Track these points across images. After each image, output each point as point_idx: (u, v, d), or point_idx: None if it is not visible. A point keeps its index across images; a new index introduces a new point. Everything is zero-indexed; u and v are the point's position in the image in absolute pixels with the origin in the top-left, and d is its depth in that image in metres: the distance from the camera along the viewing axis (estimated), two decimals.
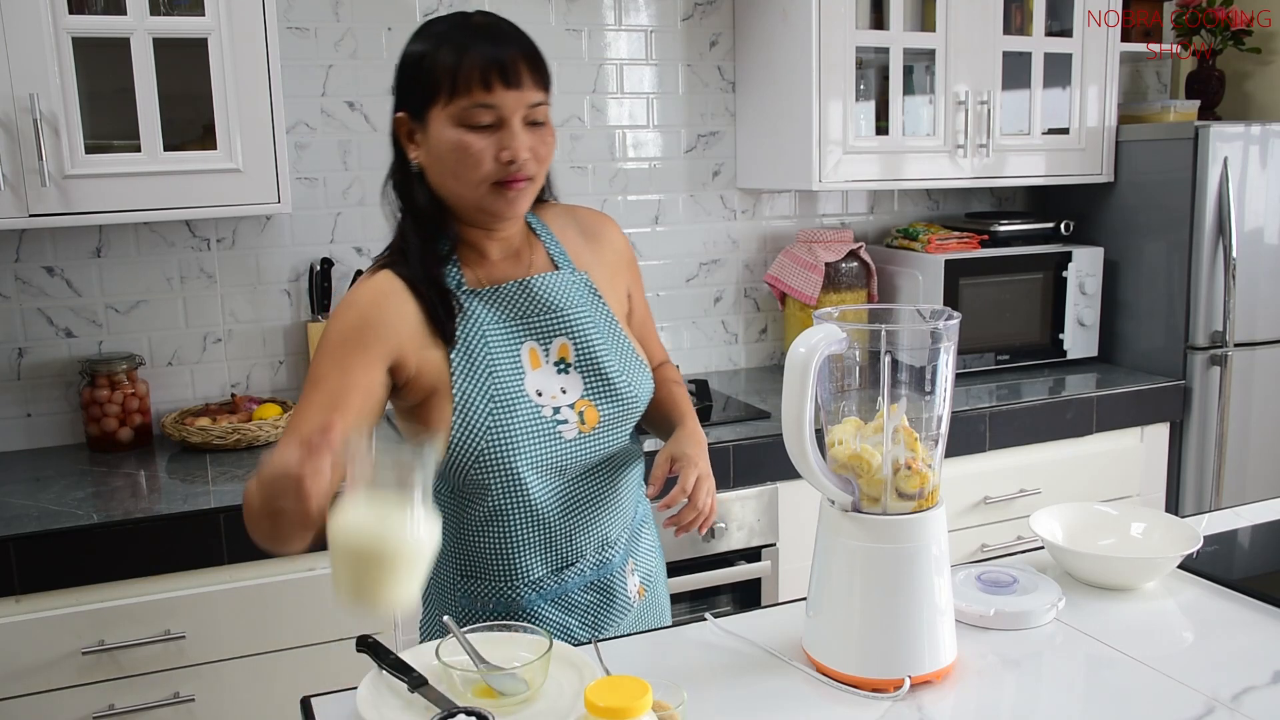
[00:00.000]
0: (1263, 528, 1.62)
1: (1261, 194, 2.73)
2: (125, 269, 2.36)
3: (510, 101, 1.23)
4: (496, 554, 1.35)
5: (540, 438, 1.30)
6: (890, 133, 2.68)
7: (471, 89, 1.22)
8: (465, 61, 1.22)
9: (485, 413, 1.28)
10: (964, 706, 1.12)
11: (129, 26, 2.01)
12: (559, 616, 1.39)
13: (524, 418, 1.29)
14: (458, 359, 1.29)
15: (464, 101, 1.23)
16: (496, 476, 1.29)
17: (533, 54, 1.26)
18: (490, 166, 1.24)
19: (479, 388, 1.28)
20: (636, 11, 2.73)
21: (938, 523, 1.15)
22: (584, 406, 1.34)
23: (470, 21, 1.27)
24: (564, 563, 1.38)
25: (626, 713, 0.87)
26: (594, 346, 1.36)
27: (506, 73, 1.22)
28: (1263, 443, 2.85)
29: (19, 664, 1.79)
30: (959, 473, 2.49)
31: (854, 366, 1.14)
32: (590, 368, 1.35)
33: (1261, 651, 1.21)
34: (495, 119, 1.24)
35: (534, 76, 1.25)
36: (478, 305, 1.32)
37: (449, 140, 1.24)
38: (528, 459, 1.29)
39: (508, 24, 1.28)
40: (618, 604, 1.43)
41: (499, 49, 1.23)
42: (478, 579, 1.37)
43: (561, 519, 1.35)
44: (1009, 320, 2.84)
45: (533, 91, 1.25)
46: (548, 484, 1.33)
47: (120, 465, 2.19)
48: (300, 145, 2.45)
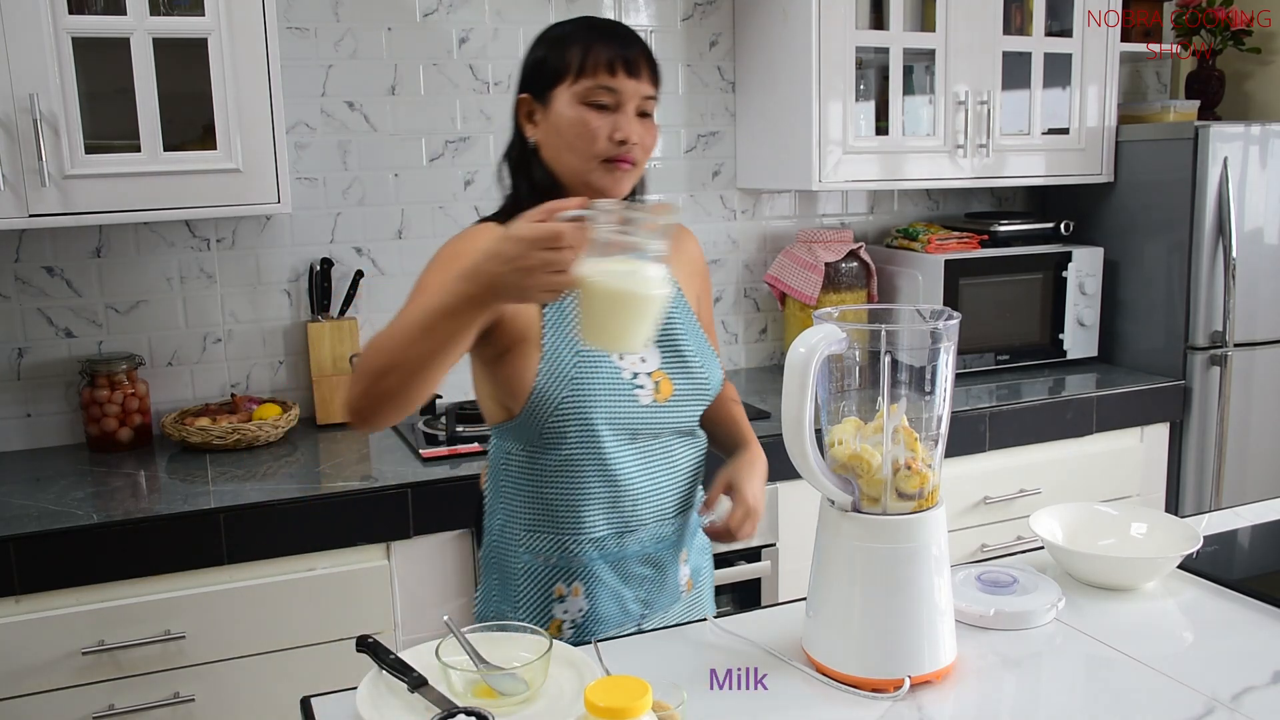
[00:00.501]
0: (1263, 528, 1.62)
1: (1261, 194, 2.73)
2: (125, 269, 2.36)
3: (629, 89, 1.39)
4: (565, 505, 1.42)
5: (617, 397, 1.40)
6: (890, 133, 2.68)
7: (598, 72, 1.38)
8: (594, 49, 1.39)
9: (571, 364, 1.38)
10: (964, 706, 1.12)
11: (129, 26, 2.01)
12: (615, 583, 1.46)
13: (605, 375, 1.40)
14: (550, 313, 1.40)
15: (589, 83, 1.38)
16: (573, 426, 1.38)
17: (650, 54, 1.44)
18: (604, 144, 1.38)
19: (567, 342, 1.39)
20: (636, 11, 2.73)
21: (938, 523, 1.15)
22: (660, 377, 1.45)
23: (597, 20, 1.45)
24: (625, 526, 1.45)
25: (626, 713, 0.87)
26: (674, 325, 1.47)
27: (630, 64, 1.39)
28: (1263, 443, 2.85)
29: (19, 664, 1.79)
30: (959, 473, 2.49)
31: (854, 366, 1.14)
32: (669, 344, 1.47)
33: (1261, 651, 1.21)
34: (614, 102, 1.39)
35: (650, 73, 1.42)
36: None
37: (570, 116, 1.39)
38: (604, 414, 1.39)
39: (625, 28, 1.46)
40: (669, 587, 1.51)
41: (624, 43, 1.41)
42: (545, 533, 1.44)
43: (628, 480, 1.43)
44: (1009, 320, 2.84)
45: (648, 85, 1.42)
46: (619, 443, 1.42)
47: (120, 465, 2.19)
48: (300, 145, 2.45)
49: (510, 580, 1.47)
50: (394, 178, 2.55)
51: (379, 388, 1.21)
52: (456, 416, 2.30)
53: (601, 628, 1.46)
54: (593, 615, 1.45)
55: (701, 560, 1.61)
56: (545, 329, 1.39)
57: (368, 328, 2.56)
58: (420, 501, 2.00)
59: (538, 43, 1.45)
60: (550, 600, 1.45)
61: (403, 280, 2.57)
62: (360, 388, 1.22)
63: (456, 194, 2.61)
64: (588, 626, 1.46)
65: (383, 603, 2.00)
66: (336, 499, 1.95)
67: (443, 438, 2.25)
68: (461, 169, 2.60)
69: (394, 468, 2.10)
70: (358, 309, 2.55)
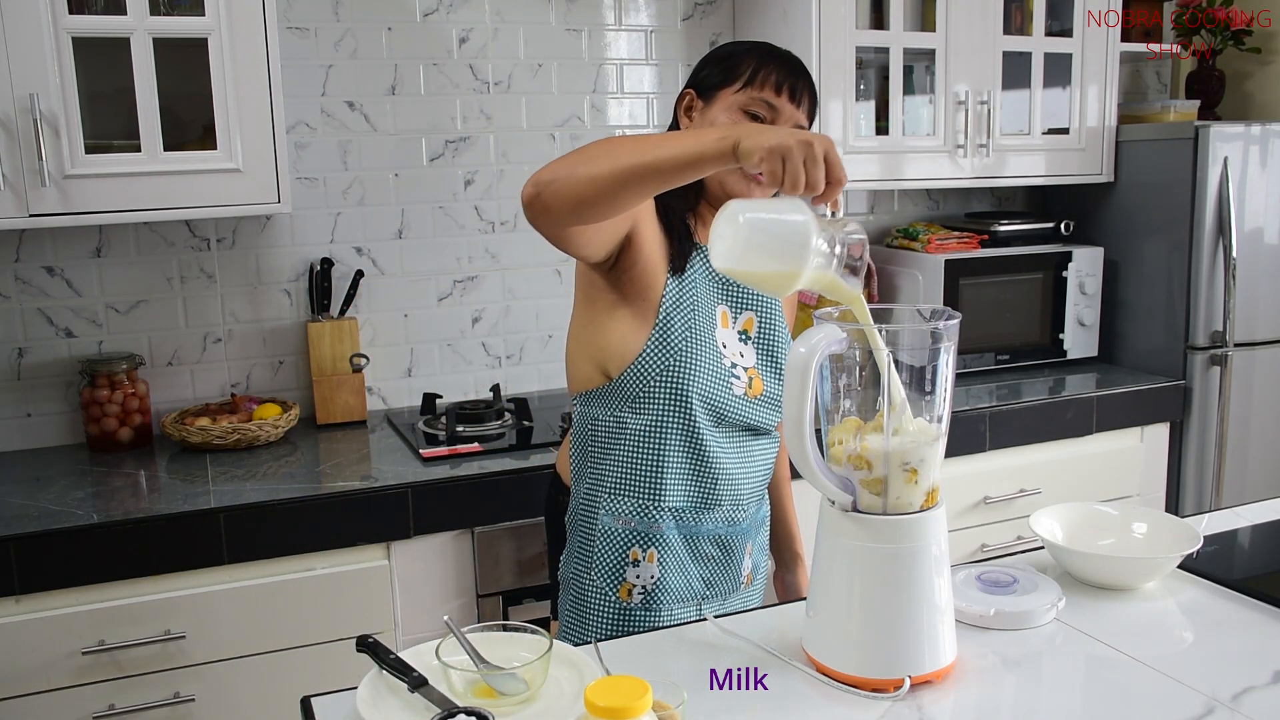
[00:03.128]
0: (1263, 528, 1.62)
1: (1261, 194, 2.73)
2: (125, 269, 2.36)
3: (788, 112, 1.48)
4: (648, 469, 1.50)
5: (714, 378, 1.49)
6: (890, 133, 2.68)
7: (765, 87, 1.47)
8: (769, 68, 1.48)
9: (681, 337, 1.47)
10: (964, 706, 1.12)
11: (129, 26, 2.01)
12: (686, 559, 1.54)
13: (708, 355, 1.48)
14: (672, 286, 1.48)
15: (755, 93, 1.47)
16: (668, 394, 1.47)
17: (814, 90, 1.52)
18: None
19: (681, 317, 1.47)
20: (636, 11, 2.73)
21: (938, 523, 1.15)
22: (754, 375, 1.54)
23: (778, 49, 1.53)
24: (703, 502, 1.53)
25: (626, 713, 0.87)
26: (776, 330, 1.57)
27: (796, 90, 1.48)
28: (1263, 443, 2.85)
29: (19, 664, 1.79)
30: (959, 473, 2.49)
31: (854, 366, 1.14)
32: (767, 347, 1.56)
33: (1261, 651, 1.21)
34: (770, 118, 1.47)
35: (809, 105, 1.51)
36: (696, 257, 1.52)
37: (726, 119, 1.48)
38: (699, 389, 1.47)
39: (802, 62, 1.54)
40: (732, 573, 1.60)
41: (797, 72, 1.49)
42: (625, 496, 1.51)
43: (710, 458, 1.50)
44: (1009, 320, 2.84)
45: (804, 116, 1.50)
46: (708, 422, 1.49)
47: (120, 465, 2.19)
48: (300, 145, 2.45)
49: (590, 541, 1.54)
50: (394, 178, 2.55)
51: (579, 175, 1.20)
52: (456, 416, 2.31)
53: (668, 599, 1.53)
54: (662, 584, 1.52)
55: (761, 558, 1.69)
56: (665, 298, 1.47)
57: (368, 328, 2.56)
58: (420, 501, 2.00)
59: (714, 52, 1.55)
60: (625, 564, 1.52)
61: (403, 280, 2.57)
62: (564, 168, 1.21)
63: (456, 194, 2.61)
64: (656, 595, 1.52)
65: (383, 603, 2.00)
66: (336, 499, 1.95)
67: (443, 438, 2.25)
68: (462, 169, 2.60)
69: (394, 468, 2.10)
70: (358, 309, 2.55)
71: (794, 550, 1.82)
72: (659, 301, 1.47)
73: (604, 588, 1.53)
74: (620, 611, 1.52)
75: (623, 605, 1.52)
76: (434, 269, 2.60)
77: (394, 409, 2.60)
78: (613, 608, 1.52)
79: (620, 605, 1.52)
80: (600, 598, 1.53)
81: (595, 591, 1.53)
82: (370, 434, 2.39)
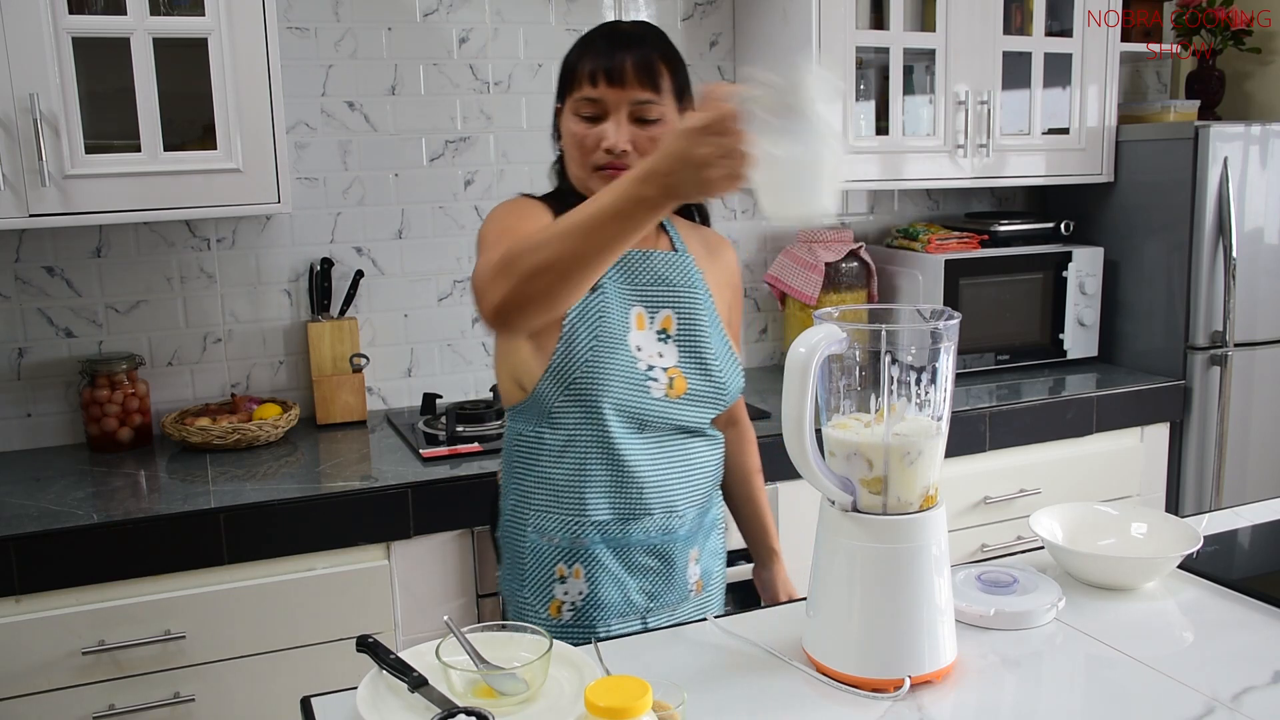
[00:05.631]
0: (1263, 528, 1.62)
1: (1261, 194, 2.73)
2: (125, 269, 2.36)
3: (612, 97, 1.40)
4: (569, 486, 1.45)
5: (628, 384, 1.42)
6: (890, 133, 2.68)
7: (581, 85, 1.41)
8: (582, 62, 1.42)
9: (587, 348, 1.41)
10: (964, 706, 1.12)
11: (129, 26, 2.01)
12: (619, 572, 1.48)
13: (620, 362, 1.42)
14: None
15: (576, 95, 1.42)
16: (581, 407, 1.42)
17: (644, 58, 1.41)
18: (596, 154, 1.42)
19: (587, 327, 1.41)
20: (636, 11, 2.72)
21: (938, 523, 1.15)
22: (675, 374, 1.47)
23: (612, 29, 1.46)
24: (630, 513, 1.46)
25: (626, 713, 0.87)
26: (697, 326, 1.50)
27: (611, 72, 1.39)
28: (1263, 443, 2.84)
29: (19, 664, 1.79)
30: (959, 473, 2.49)
31: (854, 366, 1.14)
32: (689, 344, 1.49)
33: (1261, 651, 1.21)
34: (598, 112, 1.41)
35: (640, 77, 1.40)
36: None
37: (568, 130, 1.45)
38: (612, 399, 1.41)
39: (641, 29, 1.46)
40: (676, 583, 1.52)
41: (613, 50, 1.41)
42: (550, 513, 1.47)
43: (633, 468, 1.44)
44: (1009, 320, 2.84)
45: (638, 90, 1.40)
46: (627, 431, 1.44)
47: (120, 465, 2.19)
48: (300, 145, 2.45)
49: (519, 559, 1.51)
50: (394, 178, 2.55)
51: (530, 288, 1.18)
52: (456, 416, 2.30)
53: (603, 614, 1.47)
54: (593, 600, 1.47)
55: (714, 564, 1.61)
56: (568, 313, 1.41)
57: (367, 328, 2.56)
58: (420, 501, 2.00)
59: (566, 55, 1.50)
60: (553, 580, 1.47)
61: (402, 280, 2.58)
62: (507, 287, 1.19)
63: (456, 194, 2.60)
64: (587, 610, 1.47)
65: (383, 603, 2.00)
66: (336, 499, 1.95)
67: (443, 438, 2.25)
68: (462, 169, 2.60)
69: (394, 468, 2.10)
70: (358, 309, 2.55)
71: (769, 546, 1.75)
72: (562, 316, 1.40)
73: (535, 604, 1.49)
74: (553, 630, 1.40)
75: (554, 622, 1.48)
76: (434, 269, 2.60)
77: (394, 409, 2.60)
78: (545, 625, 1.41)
79: (551, 622, 1.48)
80: (534, 615, 1.49)
81: (529, 609, 1.50)
82: (370, 434, 2.39)
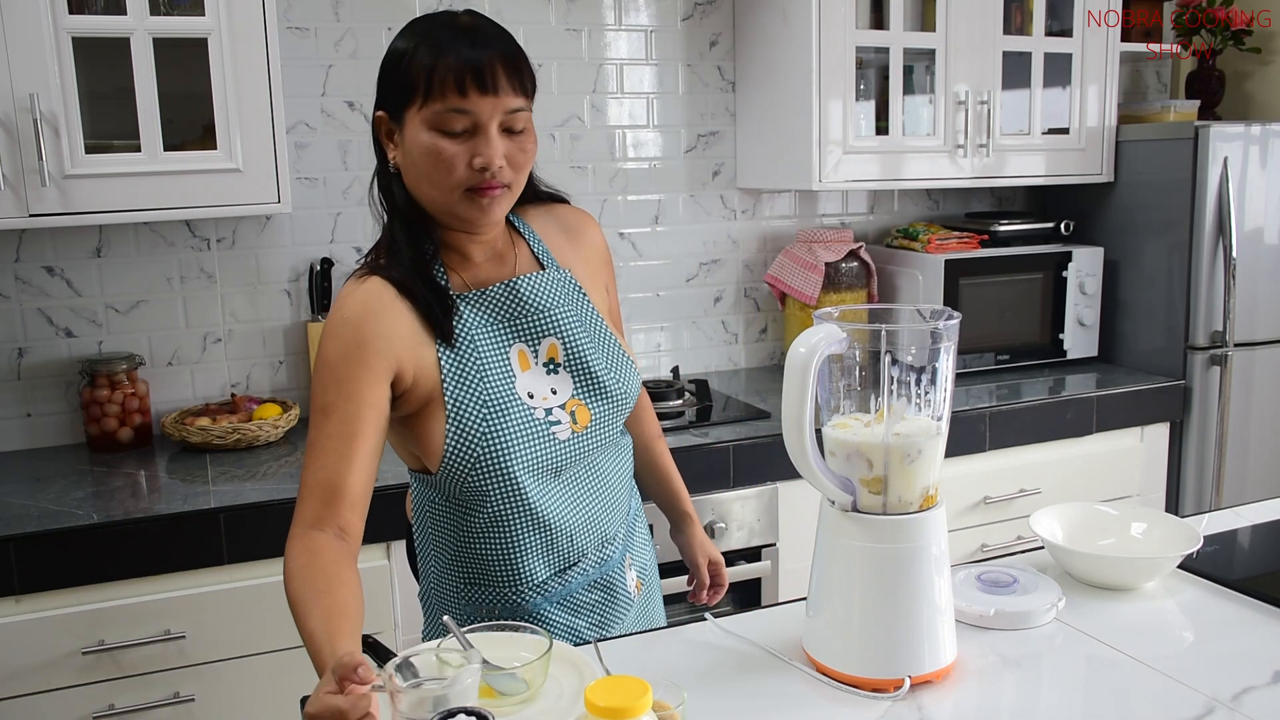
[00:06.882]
0: (1263, 528, 1.62)
1: (1261, 194, 2.73)
2: (125, 269, 2.36)
3: (485, 108, 1.20)
4: (499, 560, 1.33)
5: (535, 440, 1.29)
6: (890, 133, 2.68)
7: (446, 93, 1.19)
8: (441, 64, 1.19)
9: (479, 418, 1.26)
10: (964, 706, 1.12)
11: (129, 26, 2.01)
12: (566, 618, 1.38)
13: (517, 421, 1.28)
14: (448, 363, 1.26)
15: (438, 105, 1.20)
16: (494, 482, 1.27)
17: (513, 58, 1.22)
18: (463, 173, 1.22)
19: (471, 393, 1.26)
20: (636, 11, 2.73)
21: (938, 523, 1.15)
22: (575, 406, 1.33)
23: (454, 22, 1.24)
24: (566, 563, 1.37)
25: (626, 713, 0.87)
26: (582, 346, 1.35)
27: (482, 77, 1.19)
28: (1263, 443, 2.84)
29: (19, 664, 1.79)
30: (959, 473, 2.49)
31: (854, 366, 1.14)
32: (579, 367, 1.35)
33: (1261, 651, 1.21)
34: (470, 125, 1.21)
35: (512, 82, 1.22)
36: (465, 309, 1.30)
37: (423, 144, 1.22)
38: (523, 462, 1.28)
39: (491, 26, 1.24)
40: (620, 601, 1.43)
41: (477, 52, 1.19)
42: (482, 586, 1.35)
43: (561, 520, 1.33)
44: (1009, 320, 2.84)
45: (510, 98, 1.22)
46: (545, 486, 1.31)
47: (120, 465, 2.19)
48: (300, 145, 2.45)
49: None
50: None
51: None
52: None
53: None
54: None
55: (645, 556, 1.54)
56: (445, 382, 1.26)
57: None
58: None
59: (390, 47, 1.27)
60: None
61: None
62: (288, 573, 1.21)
63: None
64: None
65: (383, 603, 2.00)
66: None
67: None
68: None
69: (394, 468, 2.09)
70: None
71: (682, 509, 1.64)
72: (442, 391, 1.25)
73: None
74: None
75: None
76: None
77: None
78: None
79: None
80: None
81: None
82: None
